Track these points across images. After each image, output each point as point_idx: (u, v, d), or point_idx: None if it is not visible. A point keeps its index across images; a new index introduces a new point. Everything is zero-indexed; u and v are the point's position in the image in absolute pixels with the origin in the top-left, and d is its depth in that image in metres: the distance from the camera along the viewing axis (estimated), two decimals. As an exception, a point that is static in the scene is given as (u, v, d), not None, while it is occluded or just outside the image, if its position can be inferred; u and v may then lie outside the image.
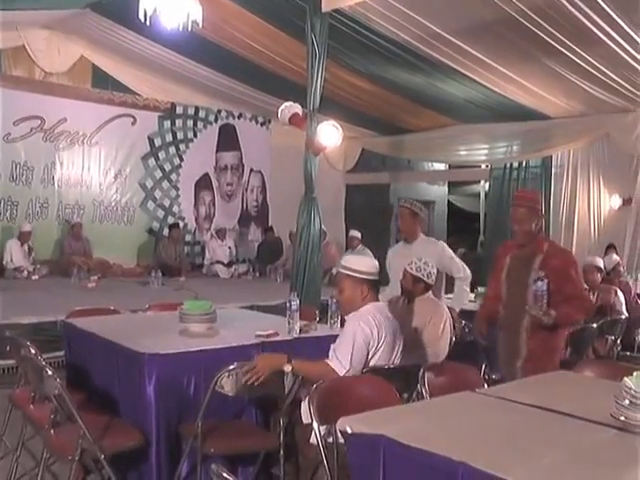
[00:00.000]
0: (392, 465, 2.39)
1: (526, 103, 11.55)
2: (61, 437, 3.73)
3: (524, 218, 4.54)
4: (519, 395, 3.04)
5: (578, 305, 4.48)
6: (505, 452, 2.34)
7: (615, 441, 2.49)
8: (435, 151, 14.85)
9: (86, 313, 5.27)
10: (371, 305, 3.96)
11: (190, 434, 3.67)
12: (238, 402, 4.07)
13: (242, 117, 14.97)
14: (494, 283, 4.93)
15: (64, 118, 12.49)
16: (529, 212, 4.55)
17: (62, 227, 12.60)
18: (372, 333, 3.81)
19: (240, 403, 4.12)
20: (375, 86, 11.70)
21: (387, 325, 3.93)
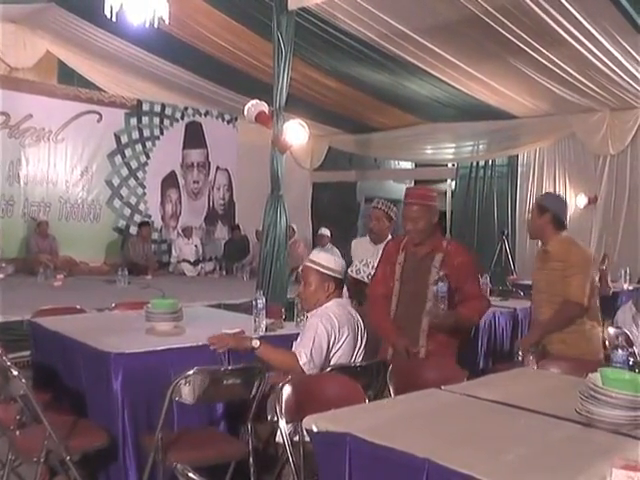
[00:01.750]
0: (358, 463, 2.40)
1: (492, 102, 11.66)
2: (27, 438, 3.69)
3: (417, 216, 4.21)
4: (484, 392, 3.07)
5: (475, 306, 4.28)
6: (470, 448, 2.35)
7: (580, 436, 2.52)
8: (402, 149, 14.93)
9: (52, 312, 5.23)
10: (333, 302, 4.05)
11: (151, 446, 3.54)
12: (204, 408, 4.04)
13: (209, 115, 14.90)
14: (386, 280, 4.43)
15: (30, 114, 12.33)
16: (422, 209, 4.22)
17: (28, 225, 12.44)
18: (332, 330, 3.88)
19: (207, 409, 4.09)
20: (342, 84, 11.72)
21: (349, 321, 4.00)
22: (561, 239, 4.74)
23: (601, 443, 2.43)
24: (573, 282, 4.51)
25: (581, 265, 4.59)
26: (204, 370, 3.51)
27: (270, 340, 4.28)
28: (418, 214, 4.21)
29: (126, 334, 4.48)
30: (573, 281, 4.51)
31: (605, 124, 11.60)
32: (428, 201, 4.29)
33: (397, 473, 2.29)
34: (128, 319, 5.18)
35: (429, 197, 4.34)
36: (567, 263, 4.58)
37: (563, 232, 4.77)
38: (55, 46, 12.48)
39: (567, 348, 4.44)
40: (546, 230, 4.73)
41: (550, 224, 4.71)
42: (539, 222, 4.77)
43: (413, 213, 4.23)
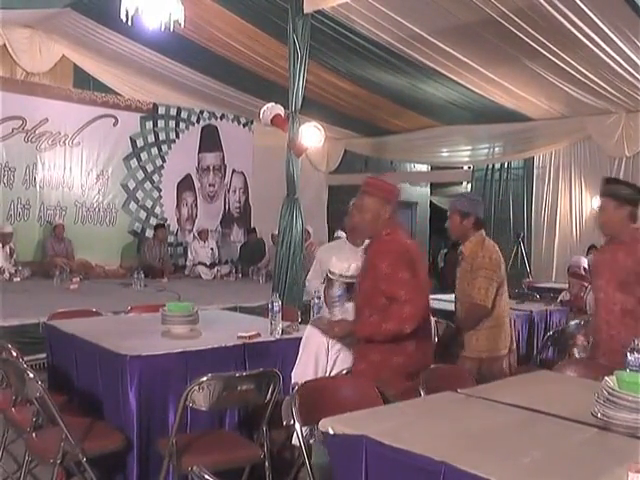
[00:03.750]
0: (374, 465, 2.40)
1: (508, 105, 11.61)
2: (43, 440, 3.71)
3: (364, 206, 3.82)
4: (501, 395, 3.06)
5: (391, 313, 3.54)
6: (487, 452, 2.35)
7: (596, 440, 2.51)
8: (417, 152, 14.91)
9: (68, 315, 5.25)
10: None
11: (166, 449, 3.53)
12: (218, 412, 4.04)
13: (224, 118, 14.94)
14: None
15: (46, 119, 12.40)
16: (371, 200, 3.79)
17: (44, 228, 12.51)
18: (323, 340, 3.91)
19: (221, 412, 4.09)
20: (357, 87, 11.71)
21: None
22: (475, 240, 4.77)
23: (617, 447, 2.42)
24: (476, 284, 4.59)
25: (485, 268, 4.62)
26: (218, 376, 3.49)
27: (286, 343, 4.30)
28: (368, 204, 3.80)
29: (142, 337, 4.49)
30: (477, 283, 4.59)
31: (621, 126, 11.53)
32: (382, 192, 3.83)
33: (413, 476, 2.28)
34: (144, 322, 5.19)
35: (385, 189, 3.86)
36: (474, 265, 4.65)
37: (479, 231, 4.81)
38: (71, 50, 12.55)
39: (478, 345, 4.60)
40: (468, 232, 4.78)
41: (471, 227, 4.78)
42: (460, 226, 4.80)
43: (361, 202, 3.87)
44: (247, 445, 3.85)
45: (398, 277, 3.54)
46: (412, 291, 3.51)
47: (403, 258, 3.62)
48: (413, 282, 3.55)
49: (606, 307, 4.26)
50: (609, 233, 4.34)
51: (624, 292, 4.16)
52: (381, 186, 3.86)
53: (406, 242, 3.77)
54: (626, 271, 4.15)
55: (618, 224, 4.22)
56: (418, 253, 3.81)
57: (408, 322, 3.47)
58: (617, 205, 4.19)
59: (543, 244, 12.99)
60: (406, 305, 3.48)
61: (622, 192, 4.21)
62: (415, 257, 3.72)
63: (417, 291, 3.56)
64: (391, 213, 3.79)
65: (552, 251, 12.77)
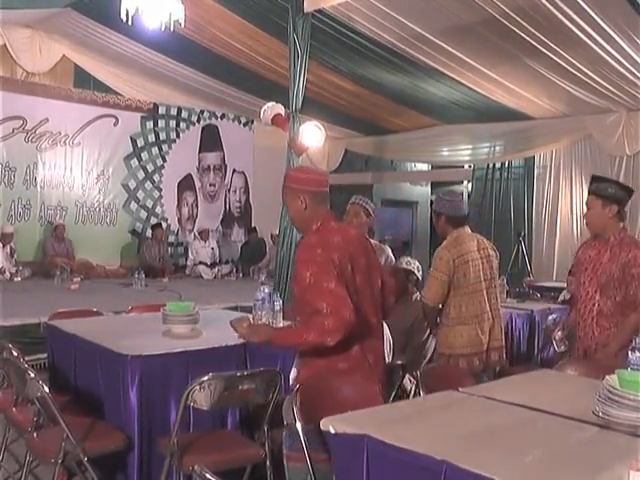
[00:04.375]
0: (376, 465, 2.40)
1: (508, 104, 11.61)
2: (44, 440, 3.71)
3: (287, 200, 3.55)
4: (502, 394, 3.05)
5: (314, 323, 3.18)
6: (488, 450, 2.34)
7: (597, 439, 2.50)
8: (418, 151, 14.91)
9: (69, 315, 5.25)
10: None
11: (167, 449, 3.50)
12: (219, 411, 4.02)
13: (225, 117, 14.95)
14: None
15: (46, 118, 12.42)
16: (287, 192, 3.51)
17: (45, 228, 12.53)
18: None
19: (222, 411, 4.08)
20: (358, 87, 11.72)
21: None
22: (447, 241, 4.82)
23: (618, 445, 2.41)
24: (427, 282, 4.77)
25: (434, 266, 4.73)
26: (219, 376, 3.46)
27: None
28: (287, 198, 3.53)
29: (143, 336, 4.49)
30: (428, 281, 4.76)
31: (621, 125, 11.52)
32: (292, 183, 3.51)
33: (415, 475, 2.28)
34: (145, 322, 5.19)
35: (295, 179, 3.54)
36: (433, 263, 4.77)
37: (458, 228, 4.82)
38: (71, 50, 12.57)
39: (447, 341, 4.72)
40: (445, 230, 4.86)
41: (446, 224, 4.84)
42: (438, 226, 4.94)
43: (284, 197, 3.59)
44: (248, 445, 3.83)
45: (322, 287, 3.17)
46: (337, 301, 3.12)
47: (328, 265, 3.22)
48: (338, 291, 3.15)
49: (584, 305, 4.35)
50: (595, 231, 4.40)
51: (603, 295, 4.24)
52: (295, 177, 3.56)
53: (336, 240, 3.33)
54: (608, 275, 4.21)
55: (604, 223, 4.29)
56: (358, 246, 3.44)
57: (331, 335, 3.11)
58: (604, 204, 4.26)
59: (544, 243, 12.99)
60: (329, 317, 3.11)
61: (609, 191, 4.27)
62: (352, 252, 3.35)
63: (343, 301, 3.13)
64: (315, 204, 3.42)
65: (553, 250, 12.77)
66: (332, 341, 3.12)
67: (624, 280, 4.15)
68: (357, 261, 3.38)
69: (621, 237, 4.26)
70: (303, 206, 3.42)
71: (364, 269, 3.41)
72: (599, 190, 4.30)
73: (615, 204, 4.25)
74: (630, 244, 4.22)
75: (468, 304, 4.72)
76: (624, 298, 4.16)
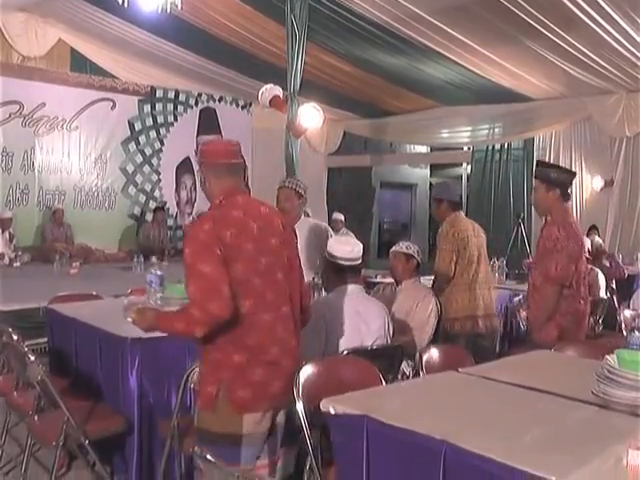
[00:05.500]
0: (375, 445, 2.40)
1: (508, 85, 11.58)
2: (45, 423, 3.73)
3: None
4: (502, 374, 3.06)
5: (183, 312, 2.94)
6: (487, 430, 2.35)
7: (596, 418, 2.51)
8: (417, 133, 14.87)
9: (68, 299, 5.25)
10: (331, 294, 4.12)
11: (168, 431, 3.50)
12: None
13: (223, 100, 14.89)
14: None
15: (43, 103, 12.36)
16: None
17: (43, 213, 12.50)
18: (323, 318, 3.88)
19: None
20: (356, 68, 11.67)
21: (352, 304, 4.00)
22: (449, 220, 5.40)
23: (617, 425, 2.42)
24: (438, 256, 5.35)
25: (441, 242, 5.34)
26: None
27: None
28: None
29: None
30: (438, 255, 5.35)
31: (621, 106, 11.51)
32: (198, 157, 3.28)
33: (415, 455, 2.29)
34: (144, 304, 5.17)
35: (200, 152, 3.29)
36: (439, 241, 5.38)
37: (457, 211, 5.46)
38: (67, 34, 12.49)
39: (444, 309, 5.12)
40: (445, 214, 5.42)
41: (447, 209, 5.41)
42: (439, 211, 5.48)
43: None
44: None
45: (196, 269, 2.84)
46: (207, 289, 2.81)
47: (211, 243, 2.85)
48: (213, 275, 2.81)
49: (529, 281, 4.83)
50: (541, 213, 4.79)
51: (536, 270, 4.64)
52: (197, 150, 3.29)
53: (235, 215, 3.01)
54: (539, 251, 4.62)
55: (549, 205, 4.63)
56: (268, 225, 3.09)
57: (197, 327, 2.81)
58: (547, 188, 4.60)
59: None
60: (195, 307, 2.81)
61: (551, 175, 4.63)
62: (257, 230, 3.01)
63: (213, 289, 2.80)
64: (216, 177, 3.15)
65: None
66: (199, 333, 2.82)
67: (543, 255, 4.52)
68: (264, 241, 3.01)
69: (555, 217, 4.58)
70: (202, 179, 3.19)
71: (274, 251, 3.04)
72: (543, 175, 4.66)
73: (558, 187, 4.59)
74: (555, 222, 4.54)
75: (464, 274, 5.32)
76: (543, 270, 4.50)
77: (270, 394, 2.94)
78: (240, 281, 2.87)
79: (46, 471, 3.95)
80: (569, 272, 4.45)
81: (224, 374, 2.90)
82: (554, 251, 4.41)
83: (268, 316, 2.95)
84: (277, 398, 2.96)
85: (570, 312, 4.49)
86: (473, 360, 3.64)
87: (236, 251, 2.89)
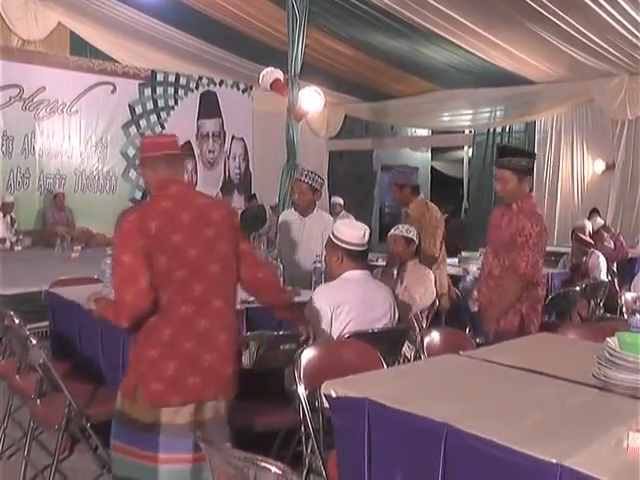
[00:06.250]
0: (376, 428, 2.41)
1: (509, 68, 11.54)
2: (47, 407, 3.74)
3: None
4: (503, 357, 3.06)
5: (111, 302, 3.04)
6: (488, 413, 2.36)
7: (597, 401, 2.51)
8: (418, 117, 14.84)
9: (70, 283, 5.26)
10: (344, 274, 3.98)
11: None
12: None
13: (223, 84, 14.84)
14: None
15: (43, 87, 12.32)
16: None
17: (44, 197, 12.50)
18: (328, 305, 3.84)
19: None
20: (358, 52, 11.62)
21: (359, 292, 3.94)
22: (417, 203, 5.88)
23: (618, 407, 2.42)
24: (428, 240, 5.53)
25: (432, 226, 5.72)
26: (258, 335, 3.54)
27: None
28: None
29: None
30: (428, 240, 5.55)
31: (623, 89, 11.48)
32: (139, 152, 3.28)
33: (416, 438, 2.29)
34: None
35: (139, 148, 3.32)
36: (422, 225, 5.53)
37: (420, 195, 5.98)
38: (67, 18, 12.46)
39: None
40: (408, 198, 5.87)
41: (410, 193, 5.86)
42: (402, 195, 5.90)
43: None
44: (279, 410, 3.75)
45: (117, 258, 2.90)
46: (124, 278, 2.84)
47: (133, 234, 2.86)
48: (132, 266, 2.82)
49: (483, 266, 4.70)
50: (510, 202, 4.46)
51: (495, 258, 4.47)
52: (139, 146, 3.28)
53: (163, 206, 2.97)
54: (500, 241, 4.41)
55: (519, 194, 4.41)
56: (201, 216, 3.01)
57: (120, 318, 2.87)
58: (520, 177, 4.38)
59: (545, 208, 12.96)
60: (119, 294, 2.87)
61: (523, 164, 4.43)
62: (186, 222, 2.95)
63: (130, 279, 2.82)
64: (152, 170, 3.10)
65: (554, 215, 12.77)
66: (124, 323, 2.87)
67: (511, 247, 4.30)
68: (196, 232, 2.96)
69: (523, 205, 4.38)
70: (145, 173, 3.17)
71: (207, 242, 2.98)
72: (513, 164, 4.38)
73: (529, 175, 4.50)
74: (526, 214, 4.34)
75: (440, 254, 5.79)
76: (510, 264, 4.33)
77: (185, 388, 2.91)
78: (161, 274, 2.86)
79: (48, 454, 3.96)
80: (538, 269, 4.37)
81: (141, 368, 2.94)
82: (526, 247, 4.25)
83: (187, 309, 2.92)
84: (195, 393, 2.94)
85: (528, 298, 4.39)
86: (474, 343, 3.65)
87: (161, 243, 2.87)
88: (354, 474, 2.50)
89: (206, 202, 3.11)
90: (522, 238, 4.25)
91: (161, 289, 2.87)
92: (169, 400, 2.90)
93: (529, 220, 4.28)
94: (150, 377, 2.90)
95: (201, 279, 2.94)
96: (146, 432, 2.90)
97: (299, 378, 2.99)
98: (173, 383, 2.89)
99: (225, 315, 3.03)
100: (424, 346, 3.50)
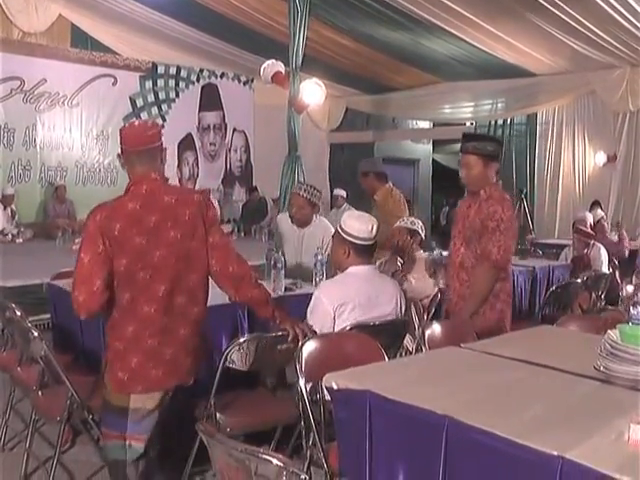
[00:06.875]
0: (378, 420, 2.41)
1: (511, 60, 11.52)
2: (49, 399, 3.73)
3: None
4: (504, 349, 3.06)
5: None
6: (489, 405, 2.36)
7: (598, 393, 2.51)
8: (420, 109, 14.83)
9: (71, 275, 5.19)
10: (349, 269, 3.91)
11: (200, 414, 3.50)
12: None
13: (224, 76, 14.82)
14: None
15: (44, 79, 12.31)
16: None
17: (45, 190, 12.50)
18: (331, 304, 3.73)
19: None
20: (359, 44, 11.60)
21: (364, 289, 3.83)
22: (384, 190, 6.14)
23: (619, 399, 2.42)
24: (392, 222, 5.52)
25: (397, 211, 5.90)
26: (256, 336, 3.52)
27: (289, 300, 4.29)
28: None
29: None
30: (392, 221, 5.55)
31: (625, 80, 11.45)
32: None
33: (417, 430, 2.30)
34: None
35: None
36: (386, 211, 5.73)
37: (387, 184, 6.19)
38: (67, 10, 12.42)
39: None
40: (374, 185, 6.16)
41: (375, 181, 6.15)
42: (368, 183, 6.20)
43: None
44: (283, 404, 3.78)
45: (79, 257, 2.96)
46: (80, 276, 2.94)
47: (95, 234, 2.94)
48: (88, 265, 2.92)
49: (451, 258, 4.41)
50: (475, 189, 4.32)
51: (466, 248, 4.26)
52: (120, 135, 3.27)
53: (130, 207, 3.03)
54: (472, 228, 4.21)
55: (485, 180, 4.24)
56: (168, 217, 3.04)
57: (80, 310, 2.96)
58: (485, 162, 4.20)
59: (546, 200, 12.98)
60: (74, 291, 2.96)
61: (489, 149, 4.24)
62: (152, 223, 3.01)
63: (85, 277, 2.93)
64: (130, 163, 3.21)
65: (555, 207, 12.77)
66: (82, 316, 3.00)
67: (482, 233, 4.13)
68: (161, 234, 3.00)
69: (491, 192, 4.21)
70: (122, 162, 3.23)
71: (172, 244, 3.02)
72: (479, 149, 4.22)
73: (496, 161, 4.27)
74: (496, 199, 4.18)
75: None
76: (482, 251, 4.15)
77: (149, 379, 3.03)
78: (122, 274, 2.95)
79: (51, 446, 3.97)
80: (510, 255, 4.22)
81: (109, 355, 3.08)
82: (497, 232, 4.07)
83: (151, 308, 2.99)
84: (158, 383, 3.06)
85: (502, 291, 4.23)
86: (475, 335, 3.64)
87: (122, 245, 2.94)
88: (355, 466, 2.50)
89: (175, 200, 3.10)
90: (493, 223, 4.09)
91: (123, 288, 2.97)
92: (134, 388, 3.03)
93: (500, 205, 4.13)
94: (116, 366, 3.05)
95: (165, 279, 3.01)
96: (117, 415, 3.06)
97: (300, 371, 3.00)
98: (136, 375, 3.02)
99: (189, 310, 3.11)
100: (425, 338, 3.48)
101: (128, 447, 3.05)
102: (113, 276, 2.94)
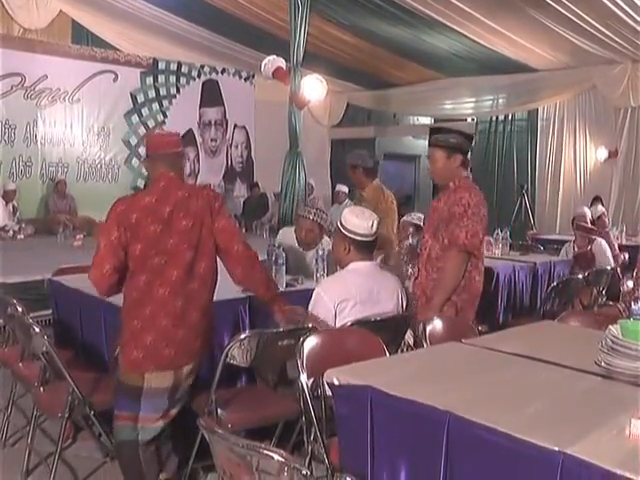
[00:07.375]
0: (379, 415, 2.41)
1: (512, 56, 11.51)
2: (51, 395, 3.74)
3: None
4: (505, 345, 3.06)
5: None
6: (491, 401, 2.36)
7: (599, 388, 2.51)
8: (421, 105, 14.82)
9: (72, 271, 5.24)
10: (350, 265, 3.90)
11: (201, 410, 3.49)
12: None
13: (225, 72, 14.81)
14: None
15: (45, 75, 12.30)
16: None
17: (46, 185, 12.50)
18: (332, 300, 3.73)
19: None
20: (360, 40, 11.59)
21: (365, 285, 3.82)
22: (373, 186, 6.01)
23: (620, 395, 2.42)
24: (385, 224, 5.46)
25: (389, 210, 5.87)
26: (257, 333, 3.53)
27: (290, 295, 4.28)
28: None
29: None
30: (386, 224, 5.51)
31: (627, 76, 11.44)
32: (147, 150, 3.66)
33: (418, 425, 2.30)
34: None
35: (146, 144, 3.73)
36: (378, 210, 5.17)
37: (375, 180, 6.05)
38: (68, 6, 12.42)
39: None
40: (362, 180, 6.03)
41: (363, 176, 5.99)
42: (356, 176, 6.06)
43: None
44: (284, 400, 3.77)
45: (98, 241, 3.37)
46: (96, 259, 3.30)
47: (113, 223, 3.30)
48: (104, 250, 3.28)
49: (420, 251, 4.43)
50: (441, 182, 4.33)
51: (434, 239, 4.23)
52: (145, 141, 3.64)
53: (147, 200, 3.34)
54: (440, 217, 4.18)
55: (450, 173, 4.22)
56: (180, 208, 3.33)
57: (97, 287, 3.38)
58: (448, 155, 4.19)
59: (547, 196, 12.97)
60: (89, 273, 3.38)
61: (451, 141, 4.21)
62: (167, 214, 3.30)
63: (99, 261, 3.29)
64: (153, 166, 3.53)
65: (556, 203, 12.76)
66: (99, 294, 3.45)
67: (450, 220, 4.09)
68: (174, 224, 3.30)
69: (460, 183, 4.19)
70: (145, 165, 3.52)
71: (183, 232, 3.31)
72: (441, 141, 4.22)
73: (459, 153, 4.22)
74: (464, 188, 4.16)
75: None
76: (449, 237, 4.08)
77: (161, 357, 3.27)
78: (138, 258, 3.27)
79: (52, 442, 3.98)
80: (479, 240, 4.09)
81: (125, 335, 3.34)
82: (464, 217, 4.01)
83: (165, 290, 3.28)
84: (170, 362, 3.29)
85: (466, 290, 4.14)
86: (477, 331, 3.64)
87: (137, 232, 3.26)
88: (356, 461, 2.51)
89: (187, 194, 3.39)
90: (460, 208, 4.05)
91: (139, 272, 3.29)
92: (147, 367, 3.26)
93: (467, 192, 4.11)
94: (131, 345, 3.29)
95: (178, 265, 3.30)
96: (130, 396, 3.28)
97: (301, 366, 3.00)
98: (150, 353, 3.26)
99: (200, 295, 3.39)
100: (427, 334, 3.48)
101: (140, 429, 3.25)
102: (128, 261, 3.28)
